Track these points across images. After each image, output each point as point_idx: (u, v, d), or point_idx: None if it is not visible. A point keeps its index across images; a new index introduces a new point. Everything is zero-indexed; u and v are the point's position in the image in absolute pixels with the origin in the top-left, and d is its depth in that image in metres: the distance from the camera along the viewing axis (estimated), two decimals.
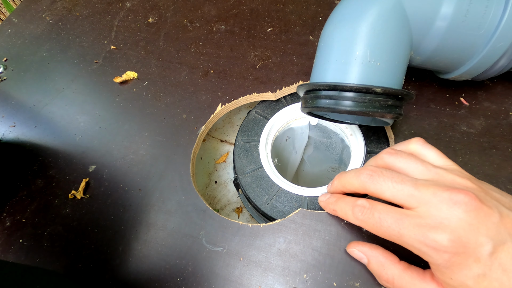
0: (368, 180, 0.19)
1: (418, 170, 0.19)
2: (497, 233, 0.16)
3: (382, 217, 0.18)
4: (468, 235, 0.16)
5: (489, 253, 0.15)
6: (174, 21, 0.41)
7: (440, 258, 0.16)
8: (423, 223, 0.17)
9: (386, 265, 0.20)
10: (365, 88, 0.21)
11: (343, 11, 0.24)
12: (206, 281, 0.24)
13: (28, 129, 0.34)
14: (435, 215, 0.17)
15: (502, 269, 0.15)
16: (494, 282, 0.16)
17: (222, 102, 0.32)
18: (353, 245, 0.22)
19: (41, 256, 0.26)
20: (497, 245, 0.16)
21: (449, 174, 0.18)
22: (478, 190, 0.17)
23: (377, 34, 0.22)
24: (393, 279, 0.19)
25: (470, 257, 0.16)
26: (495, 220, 0.16)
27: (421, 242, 0.17)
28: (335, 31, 0.23)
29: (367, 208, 0.19)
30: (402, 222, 0.17)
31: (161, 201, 0.28)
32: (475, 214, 0.16)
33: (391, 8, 0.22)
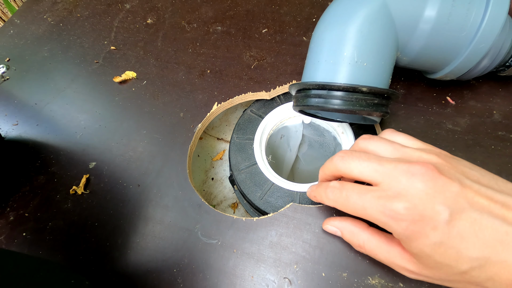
0: (339, 161, 0.20)
1: (388, 151, 0.20)
2: (455, 202, 0.16)
3: (349, 194, 0.19)
4: (424, 203, 0.16)
5: (446, 221, 0.16)
6: (172, 22, 0.42)
7: (399, 227, 0.17)
8: (384, 195, 0.17)
9: (356, 232, 0.21)
10: (352, 88, 0.22)
11: (332, 14, 0.25)
12: (201, 272, 0.25)
13: (30, 127, 0.35)
14: (394, 187, 0.17)
15: (460, 237, 0.16)
16: (450, 250, 0.16)
17: (218, 101, 0.34)
18: (326, 222, 0.24)
19: (43, 249, 0.28)
20: (455, 213, 0.16)
21: (416, 152, 0.19)
22: (442, 163, 0.18)
23: (364, 36, 0.23)
24: (364, 244, 0.21)
25: (427, 225, 0.16)
26: (454, 190, 0.16)
27: (382, 212, 0.17)
28: (325, 33, 0.25)
29: (337, 188, 0.20)
30: (365, 196, 0.18)
31: (158, 197, 0.29)
32: (433, 184, 0.16)
33: (377, 11, 0.23)
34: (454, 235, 0.16)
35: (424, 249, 0.16)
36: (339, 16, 0.24)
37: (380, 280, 0.22)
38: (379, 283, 0.22)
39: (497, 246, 0.15)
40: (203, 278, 0.25)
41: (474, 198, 0.16)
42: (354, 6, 0.23)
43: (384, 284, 0.22)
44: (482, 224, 0.16)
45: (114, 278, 0.26)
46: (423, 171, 0.17)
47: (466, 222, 0.16)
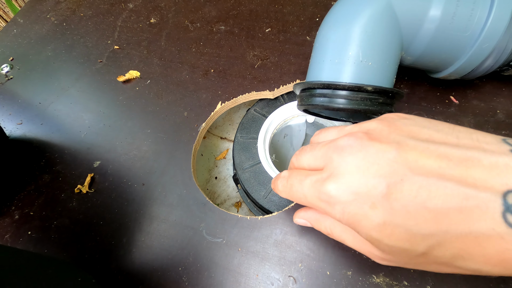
0: (294, 158, 0.19)
1: (333, 134, 0.19)
2: (392, 170, 0.13)
3: (292, 183, 0.17)
4: (356, 178, 0.14)
5: (383, 194, 0.13)
6: (175, 21, 0.42)
7: (335, 211, 0.15)
8: (319, 178, 0.15)
9: (320, 219, 0.19)
10: (357, 87, 0.22)
11: (337, 13, 0.25)
12: (206, 270, 0.25)
13: (35, 126, 0.35)
14: (329, 167, 0.15)
15: (405, 212, 0.13)
16: (398, 229, 0.13)
17: (222, 100, 0.34)
18: (295, 215, 0.22)
19: (48, 248, 0.28)
20: (393, 184, 0.13)
21: (356, 126, 0.17)
22: (379, 128, 0.15)
23: (369, 35, 0.23)
24: (331, 230, 0.18)
25: (364, 204, 0.14)
26: (390, 156, 0.13)
27: (318, 198, 0.15)
28: (330, 32, 0.25)
29: (284, 178, 0.18)
30: (304, 182, 0.16)
31: (163, 195, 0.29)
32: (363, 154, 0.14)
33: (382, 11, 0.23)
34: (398, 211, 0.13)
35: (370, 233, 0.14)
36: (343, 15, 0.24)
37: (385, 278, 0.23)
38: (384, 282, 0.22)
39: (454, 215, 0.12)
40: (208, 276, 0.25)
41: (418, 161, 0.13)
42: (358, 5, 0.24)
43: (389, 283, 0.22)
44: (431, 191, 0.12)
45: (120, 276, 0.26)
46: (350, 142, 0.15)
47: (410, 191, 0.13)
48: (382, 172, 0.13)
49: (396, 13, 0.23)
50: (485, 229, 0.12)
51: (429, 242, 0.13)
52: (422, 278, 0.22)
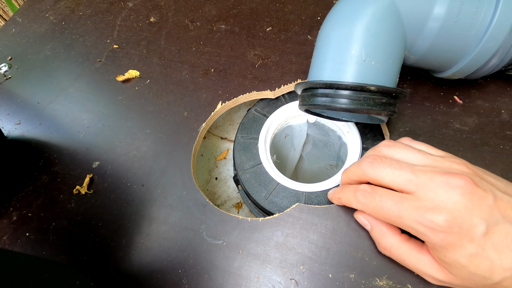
0: (368, 167, 0.20)
1: (417, 158, 0.20)
2: (491, 215, 0.16)
3: (383, 200, 0.19)
4: (463, 216, 0.16)
5: (483, 233, 0.16)
6: (175, 20, 0.41)
7: (436, 237, 0.17)
8: (421, 205, 0.18)
9: (387, 234, 0.21)
10: (360, 87, 0.22)
11: (339, 12, 0.25)
12: (206, 272, 0.25)
13: (33, 126, 0.35)
14: (432, 198, 0.17)
15: (494, 249, 0.16)
16: (485, 261, 0.16)
17: (222, 100, 0.33)
18: (359, 212, 0.23)
19: (47, 249, 0.27)
20: (490, 226, 0.16)
21: (445, 161, 0.19)
22: (474, 174, 0.18)
23: (372, 34, 0.23)
24: (391, 248, 0.20)
25: (464, 237, 0.16)
26: (489, 203, 0.17)
27: (419, 222, 0.17)
28: (332, 31, 0.24)
29: (368, 192, 0.20)
30: (402, 204, 0.18)
31: (163, 196, 0.29)
32: (470, 197, 0.17)
33: (385, 9, 0.22)
34: (489, 247, 0.16)
35: (460, 259, 0.17)
36: (346, 14, 0.24)
37: (388, 281, 0.22)
38: (387, 285, 0.22)
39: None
40: (208, 279, 0.24)
41: (506, 210, 0.17)
42: (361, 4, 0.23)
43: (392, 286, 0.22)
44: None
45: (119, 278, 0.25)
46: (462, 184, 0.17)
47: (500, 234, 0.16)
48: (483, 215, 0.17)
49: (400, 11, 0.23)
50: None
51: (506, 274, 0.16)
52: (425, 281, 0.22)
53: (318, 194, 0.28)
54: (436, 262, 0.19)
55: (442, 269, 0.18)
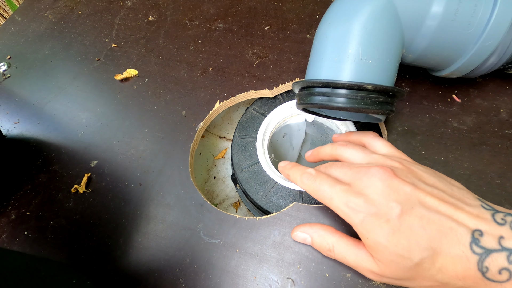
0: (323, 168, 0.24)
1: (359, 157, 0.23)
2: (407, 200, 0.18)
3: (321, 183, 0.22)
4: (380, 199, 0.19)
5: (397, 215, 0.18)
6: (173, 19, 0.41)
7: (357, 217, 0.19)
8: (349, 190, 0.20)
9: (325, 236, 0.22)
10: (357, 85, 0.22)
11: (336, 10, 0.24)
12: (203, 271, 0.25)
13: (32, 125, 0.35)
14: (358, 185, 0.20)
15: (410, 229, 0.18)
16: (403, 240, 0.18)
17: (220, 99, 0.33)
18: (295, 229, 0.24)
19: (45, 248, 0.27)
20: (405, 209, 0.18)
21: (382, 158, 0.22)
22: (400, 168, 0.21)
23: (369, 32, 0.22)
24: (333, 247, 0.22)
25: (381, 217, 0.18)
26: (407, 190, 0.19)
27: (345, 204, 0.20)
28: (329, 30, 0.24)
29: (312, 175, 0.23)
30: (334, 188, 0.21)
31: (160, 195, 0.29)
32: (388, 184, 0.19)
33: (382, 8, 0.22)
34: (405, 228, 0.18)
35: (379, 239, 0.18)
36: (343, 12, 0.24)
37: None
38: (383, 284, 0.22)
39: (442, 238, 0.17)
40: (205, 277, 0.24)
41: (425, 198, 0.18)
42: (358, 2, 0.23)
43: (389, 286, 0.22)
44: (429, 219, 0.18)
45: (116, 277, 0.25)
46: (381, 172, 0.20)
47: (415, 217, 0.18)
48: (399, 199, 0.18)
49: (397, 9, 0.23)
50: (459, 251, 0.17)
51: (423, 254, 0.17)
52: None
53: None
54: (370, 254, 0.20)
55: (375, 261, 0.19)
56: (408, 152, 0.27)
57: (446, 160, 0.26)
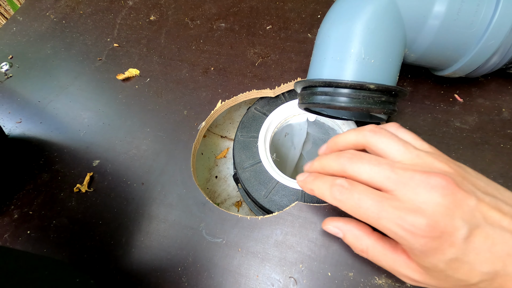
0: (347, 162, 0.19)
1: (399, 152, 0.19)
2: (472, 217, 0.16)
3: (362, 198, 0.18)
4: (445, 219, 0.16)
5: (464, 237, 0.16)
6: (175, 19, 0.41)
7: (417, 242, 0.16)
8: (402, 207, 0.17)
9: (360, 236, 0.20)
10: (359, 85, 0.22)
11: (339, 10, 0.24)
12: (206, 270, 0.25)
13: (34, 125, 0.35)
14: (412, 199, 0.17)
15: (475, 253, 0.16)
16: (465, 265, 0.16)
17: (222, 98, 0.33)
18: (328, 222, 0.22)
19: (47, 247, 0.28)
20: (472, 229, 0.16)
21: (428, 157, 0.18)
22: (455, 174, 0.17)
23: (371, 32, 0.22)
24: (367, 249, 0.20)
25: (445, 242, 0.16)
26: (472, 204, 0.16)
27: (399, 225, 0.16)
28: (331, 29, 0.24)
29: (346, 188, 0.19)
30: (382, 205, 0.17)
31: (162, 195, 0.29)
32: (452, 198, 0.16)
33: (385, 7, 0.22)
34: (470, 251, 0.16)
35: (438, 264, 0.16)
36: (345, 12, 0.24)
37: (387, 280, 0.22)
38: (386, 283, 0.22)
39: (506, 259, 0.16)
40: (207, 276, 0.24)
41: (488, 212, 0.16)
42: (361, 2, 0.23)
43: (391, 284, 0.22)
44: (494, 239, 0.16)
45: (119, 276, 0.25)
46: (443, 185, 0.16)
47: (481, 237, 0.16)
48: (465, 217, 0.16)
49: (400, 9, 0.23)
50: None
51: (483, 277, 0.16)
52: None
53: None
54: (412, 262, 0.18)
55: (418, 270, 0.18)
56: None
57: None
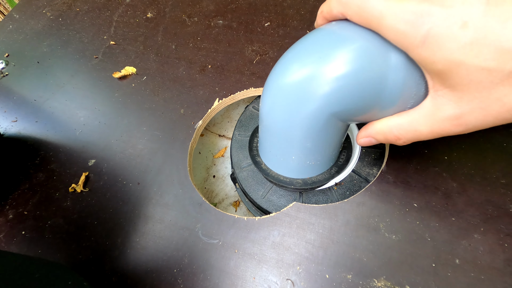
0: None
1: None
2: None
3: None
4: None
5: (482, 12, 0.12)
6: (172, 16, 0.41)
7: (418, 32, 0.13)
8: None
9: (384, 129, 0.19)
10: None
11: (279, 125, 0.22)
12: (202, 272, 0.24)
13: (30, 123, 0.35)
14: None
15: (502, 27, 0.12)
16: (488, 48, 0.12)
17: (219, 97, 0.33)
18: (358, 137, 0.21)
19: (42, 248, 0.27)
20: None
21: None
22: None
23: (311, 146, 0.22)
24: (398, 132, 0.18)
25: (455, 22, 0.13)
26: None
27: (401, 18, 0.14)
28: (274, 138, 0.23)
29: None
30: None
31: (159, 195, 0.28)
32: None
33: (324, 123, 0.20)
34: (493, 27, 0.12)
35: (453, 55, 0.13)
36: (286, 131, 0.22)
37: (386, 282, 0.22)
38: (385, 286, 0.22)
39: None
40: (204, 278, 0.24)
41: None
42: (301, 123, 0.20)
43: (390, 287, 0.22)
44: None
45: (114, 277, 0.25)
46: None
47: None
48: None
49: (339, 120, 0.21)
50: None
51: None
52: (425, 282, 0.21)
53: (316, 193, 0.27)
54: (438, 100, 0.15)
55: (448, 101, 0.15)
56: (411, 151, 0.26)
57: (450, 159, 0.26)
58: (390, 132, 0.18)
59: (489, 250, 0.22)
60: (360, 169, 0.27)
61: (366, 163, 0.28)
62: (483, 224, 0.23)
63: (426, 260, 0.22)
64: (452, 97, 0.14)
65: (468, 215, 0.23)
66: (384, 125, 0.19)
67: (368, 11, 0.15)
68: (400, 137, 0.18)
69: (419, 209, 0.24)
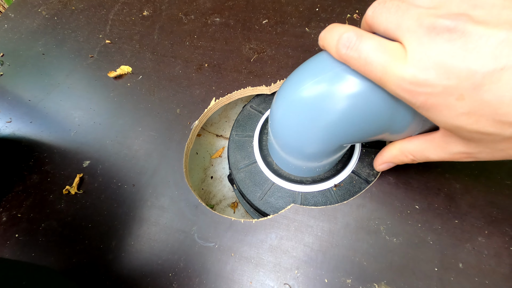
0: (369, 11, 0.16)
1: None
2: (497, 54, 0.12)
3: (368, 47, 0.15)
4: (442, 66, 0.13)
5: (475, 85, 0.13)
6: (169, 14, 0.40)
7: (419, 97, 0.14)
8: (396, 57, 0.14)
9: (400, 152, 0.20)
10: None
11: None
12: (197, 276, 0.24)
13: (24, 124, 0.34)
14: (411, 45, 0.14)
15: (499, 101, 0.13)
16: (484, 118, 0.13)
17: (216, 96, 0.32)
18: (376, 165, 0.23)
19: (36, 251, 0.27)
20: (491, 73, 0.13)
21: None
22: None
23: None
24: (413, 153, 0.19)
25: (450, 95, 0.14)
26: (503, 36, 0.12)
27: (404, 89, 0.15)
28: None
29: (353, 38, 0.16)
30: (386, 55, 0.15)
31: (154, 197, 0.28)
32: (464, 40, 0.13)
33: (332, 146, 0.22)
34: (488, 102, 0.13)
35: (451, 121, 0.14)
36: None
37: (387, 287, 0.21)
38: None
39: None
40: (199, 282, 0.23)
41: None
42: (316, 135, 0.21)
43: None
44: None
45: (108, 282, 0.25)
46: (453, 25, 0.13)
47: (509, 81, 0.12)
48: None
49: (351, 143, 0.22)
50: None
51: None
52: (427, 287, 0.21)
53: (315, 194, 0.27)
54: (449, 134, 0.16)
55: (458, 140, 0.16)
56: None
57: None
58: (406, 156, 0.20)
59: (494, 253, 0.21)
60: (360, 170, 0.27)
61: (367, 164, 0.27)
62: (488, 226, 0.22)
63: (428, 264, 0.21)
64: (460, 140, 0.16)
65: (472, 217, 0.22)
66: (398, 151, 0.20)
67: (372, 70, 0.15)
68: (415, 160, 0.20)
69: (421, 211, 0.23)
